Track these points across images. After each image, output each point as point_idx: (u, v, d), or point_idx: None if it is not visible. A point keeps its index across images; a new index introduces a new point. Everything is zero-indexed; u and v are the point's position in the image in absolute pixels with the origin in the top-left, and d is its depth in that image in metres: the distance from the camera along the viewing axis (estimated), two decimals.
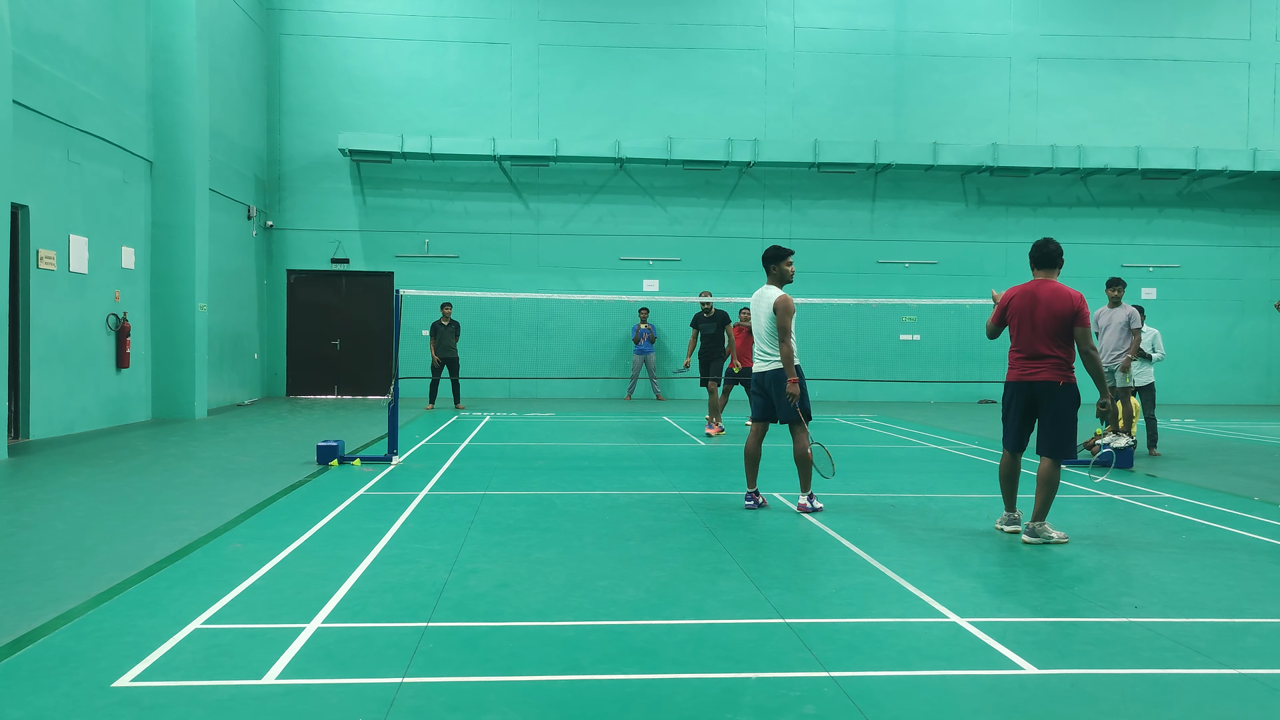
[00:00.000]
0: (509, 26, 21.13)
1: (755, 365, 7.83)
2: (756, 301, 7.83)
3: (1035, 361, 6.54)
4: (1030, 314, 6.56)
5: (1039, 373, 6.52)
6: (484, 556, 5.93)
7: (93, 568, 5.60)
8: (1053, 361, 6.48)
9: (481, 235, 21.11)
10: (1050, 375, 6.48)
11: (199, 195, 15.53)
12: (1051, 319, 6.46)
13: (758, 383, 7.81)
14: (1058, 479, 6.49)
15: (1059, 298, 6.48)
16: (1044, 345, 6.50)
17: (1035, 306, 6.54)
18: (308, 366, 20.93)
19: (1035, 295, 6.57)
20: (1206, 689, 3.86)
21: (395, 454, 10.24)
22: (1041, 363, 6.51)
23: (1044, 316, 6.48)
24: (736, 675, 3.91)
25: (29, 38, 11.74)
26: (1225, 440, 13.96)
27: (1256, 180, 22.26)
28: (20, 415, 11.83)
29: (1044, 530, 6.45)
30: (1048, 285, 6.59)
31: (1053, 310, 6.46)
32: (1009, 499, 6.90)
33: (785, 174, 21.68)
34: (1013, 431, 6.77)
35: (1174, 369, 20.84)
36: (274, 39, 20.60)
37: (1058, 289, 6.54)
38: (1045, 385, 6.50)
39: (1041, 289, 6.57)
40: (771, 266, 7.74)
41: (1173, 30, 22.28)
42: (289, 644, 4.21)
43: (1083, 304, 6.47)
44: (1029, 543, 6.42)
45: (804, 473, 7.54)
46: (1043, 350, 6.50)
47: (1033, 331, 6.53)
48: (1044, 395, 6.52)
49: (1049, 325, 6.46)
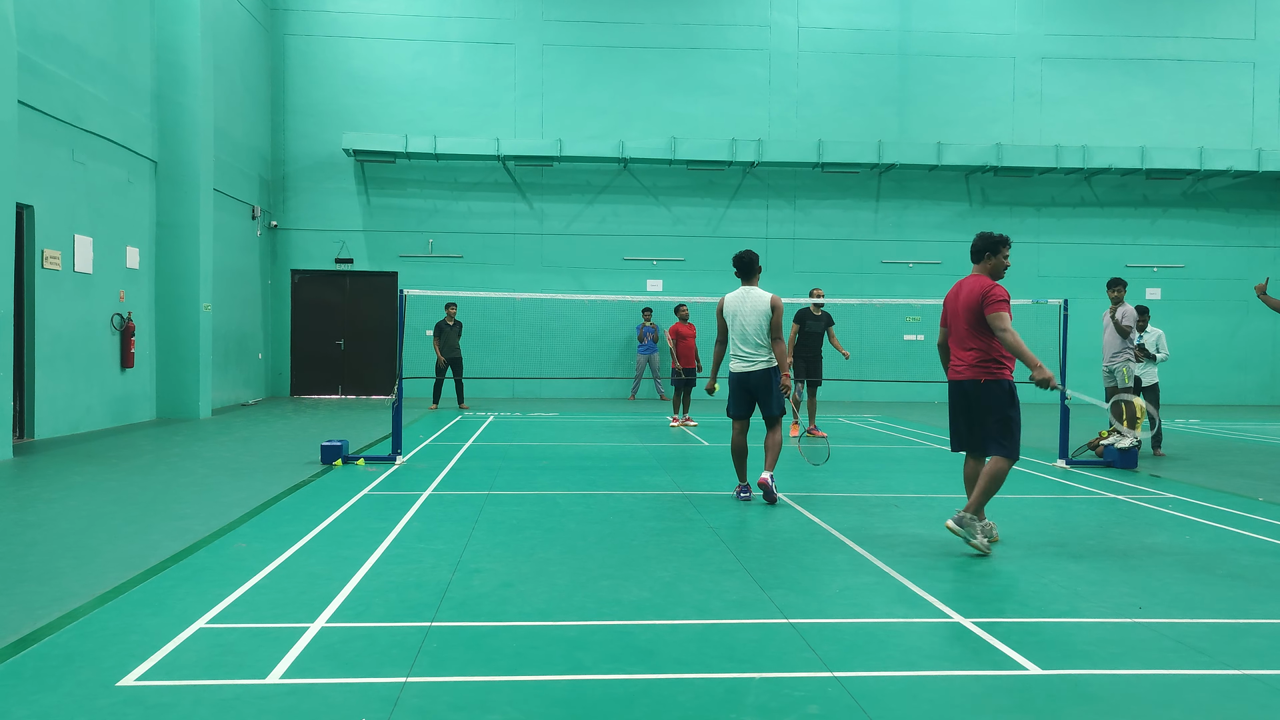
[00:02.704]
0: (513, 27, 21.14)
1: (736, 366, 7.92)
2: (739, 302, 7.87)
3: (961, 356, 6.40)
4: (954, 308, 6.45)
5: (963, 371, 6.38)
6: (488, 556, 5.93)
7: (97, 567, 5.61)
8: (973, 356, 6.31)
9: (485, 235, 21.12)
10: (973, 373, 6.31)
11: (203, 195, 15.55)
12: (967, 310, 6.31)
13: (742, 383, 7.89)
14: (1001, 477, 6.22)
15: (974, 287, 6.34)
16: (965, 339, 6.35)
17: (957, 300, 6.43)
18: (312, 366, 20.96)
19: (959, 289, 6.45)
20: (1209, 689, 3.86)
21: (399, 454, 10.26)
22: (965, 356, 6.36)
23: (963, 308, 6.35)
24: (740, 675, 3.91)
25: (34, 38, 11.77)
26: (1229, 441, 13.93)
27: (1261, 180, 22.21)
28: (25, 415, 11.87)
29: (971, 524, 6.11)
30: (970, 278, 6.45)
31: (969, 301, 6.31)
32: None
33: (789, 174, 21.67)
34: (955, 432, 6.57)
35: (1178, 369, 20.78)
36: (278, 39, 20.63)
37: (977, 279, 6.40)
38: (970, 384, 6.35)
39: (965, 283, 6.44)
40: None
41: (1177, 30, 22.24)
42: (293, 643, 4.22)
43: (993, 288, 6.26)
44: (952, 530, 6.11)
45: (776, 456, 7.97)
46: (968, 343, 6.35)
47: (955, 325, 6.43)
48: (971, 393, 6.36)
49: (967, 317, 6.32)
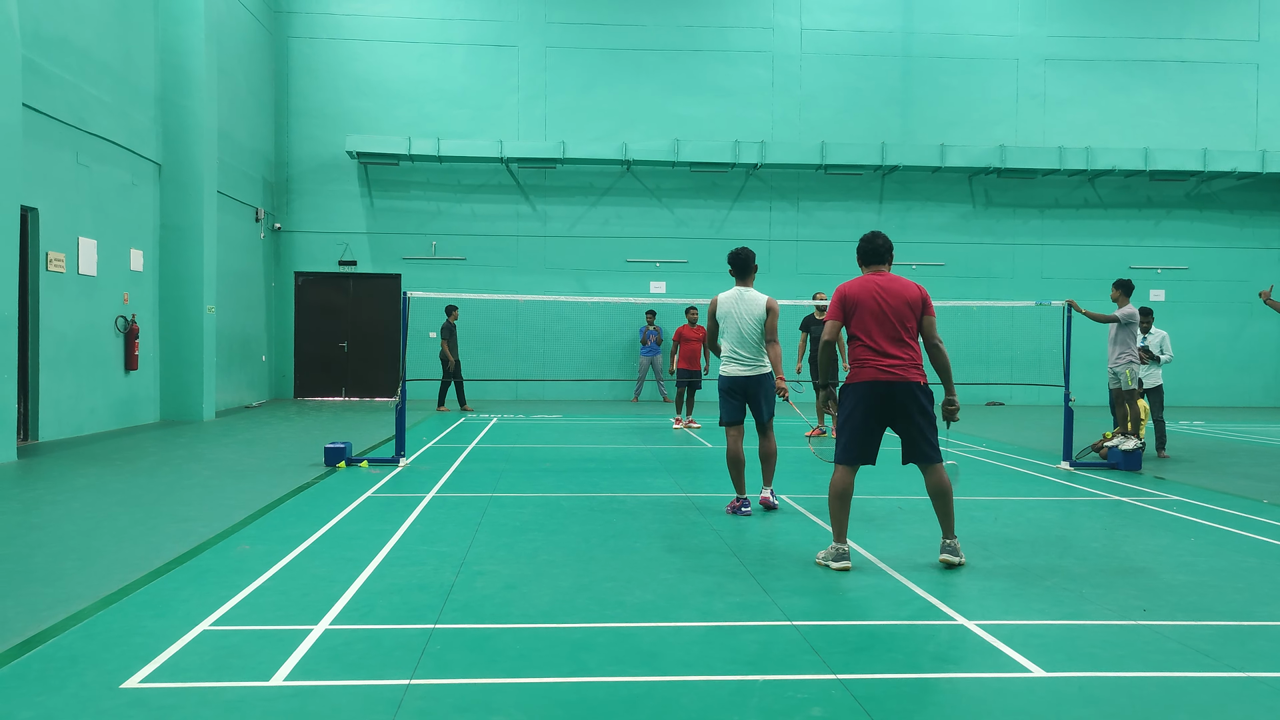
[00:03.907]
0: (516, 29, 21.16)
1: (733, 369, 7.54)
2: (734, 303, 7.53)
3: (897, 355, 5.86)
4: (879, 305, 5.97)
5: (900, 371, 5.85)
6: (491, 558, 5.93)
7: (102, 569, 5.62)
8: (911, 357, 5.88)
9: (488, 237, 21.13)
10: (913, 375, 5.84)
11: (207, 198, 15.58)
12: (908, 309, 5.93)
13: (739, 387, 7.55)
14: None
15: (907, 288, 6.01)
16: (899, 337, 5.89)
17: (883, 296, 5.98)
18: (315, 368, 20.97)
19: (878, 286, 6.01)
20: (1215, 692, 3.86)
21: (403, 455, 10.26)
22: (902, 356, 5.86)
23: (899, 306, 5.93)
24: (744, 677, 3.91)
25: (38, 41, 11.79)
26: (1233, 442, 13.91)
27: (1265, 182, 22.17)
28: (29, 417, 11.89)
29: (955, 544, 5.82)
30: (888, 276, 6.09)
31: (907, 300, 5.95)
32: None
33: (792, 176, 21.67)
34: (862, 442, 5.96)
35: (1182, 371, 20.76)
36: (281, 42, 20.66)
37: (901, 280, 6.06)
38: (908, 385, 5.84)
39: (881, 279, 6.04)
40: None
41: (1181, 31, 22.22)
42: (297, 645, 4.23)
43: (925, 292, 6.04)
44: (951, 562, 5.79)
45: (774, 467, 7.81)
46: (902, 342, 5.90)
47: (882, 324, 5.90)
48: (901, 396, 5.84)
49: (901, 316, 5.91)
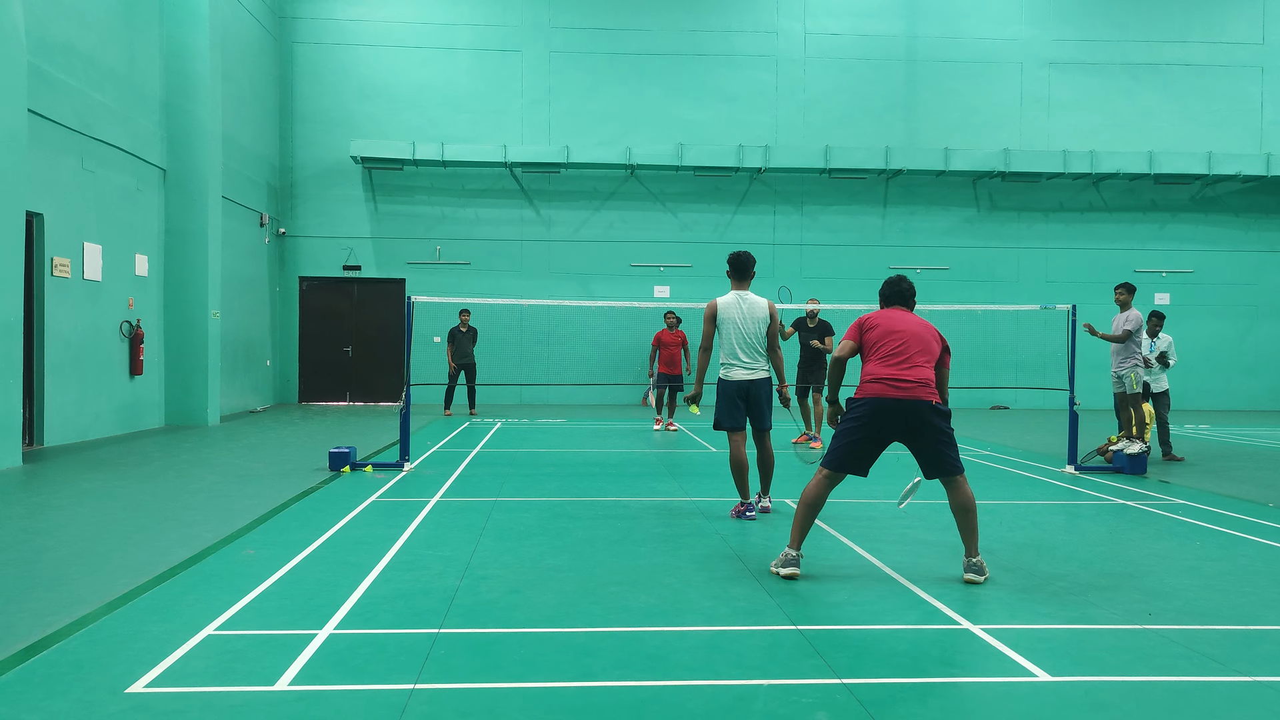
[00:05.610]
0: (520, 34, 21.19)
1: (738, 374, 7.46)
2: (735, 307, 7.48)
3: (913, 375, 5.75)
4: (902, 329, 5.95)
5: (918, 390, 5.72)
6: (496, 563, 5.93)
7: (107, 574, 5.62)
8: (928, 377, 5.78)
9: (493, 242, 21.16)
10: (927, 394, 5.72)
11: (212, 203, 15.62)
12: (930, 337, 5.92)
13: (742, 392, 7.47)
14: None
15: (928, 326, 6.01)
16: (916, 358, 5.82)
17: (906, 322, 5.99)
18: (320, 373, 21.01)
19: (897, 318, 6.00)
20: (1221, 697, 3.84)
21: (407, 460, 10.27)
22: (920, 375, 5.74)
23: (921, 333, 5.92)
24: (748, 682, 3.90)
25: (44, 47, 11.83)
26: (1239, 446, 13.87)
27: (1270, 185, 22.13)
28: (35, 422, 11.92)
29: (980, 561, 5.65)
30: (908, 313, 6.08)
31: (928, 332, 5.94)
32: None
33: (796, 180, 21.67)
34: (857, 454, 5.79)
35: (1187, 375, 20.72)
36: (286, 47, 20.71)
37: (921, 320, 6.06)
38: (923, 404, 5.70)
39: (901, 314, 6.04)
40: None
41: (1185, 35, 22.20)
42: (301, 650, 4.22)
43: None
44: (975, 580, 5.56)
45: (771, 475, 7.91)
46: (917, 363, 5.81)
47: (906, 345, 5.82)
48: (915, 413, 5.70)
49: (925, 343, 5.85)
